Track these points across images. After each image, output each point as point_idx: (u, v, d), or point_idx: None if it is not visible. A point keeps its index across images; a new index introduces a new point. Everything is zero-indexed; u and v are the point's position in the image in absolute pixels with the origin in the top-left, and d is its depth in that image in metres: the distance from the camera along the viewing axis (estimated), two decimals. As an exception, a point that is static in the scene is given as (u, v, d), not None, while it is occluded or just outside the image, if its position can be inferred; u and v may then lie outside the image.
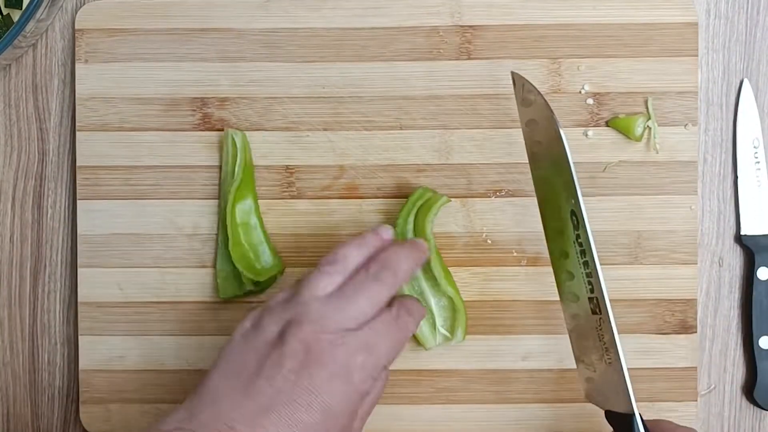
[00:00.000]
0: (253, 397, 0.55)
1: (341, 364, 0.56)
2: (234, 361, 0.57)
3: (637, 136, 0.70)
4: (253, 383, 0.56)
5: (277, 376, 0.56)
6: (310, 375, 0.56)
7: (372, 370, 0.58)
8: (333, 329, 0.57)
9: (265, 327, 0.58)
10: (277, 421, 0.54)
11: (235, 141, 0.70)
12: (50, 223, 0.73)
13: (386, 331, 0.59)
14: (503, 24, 0.71)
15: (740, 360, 0.72)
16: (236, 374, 0.57)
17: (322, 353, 0.56)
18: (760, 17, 0.72)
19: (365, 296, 0.59)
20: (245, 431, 0.54)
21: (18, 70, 0.73)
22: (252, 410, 0.55)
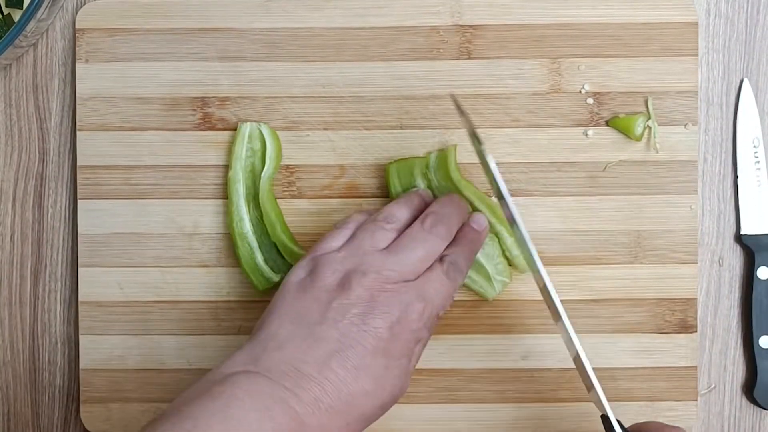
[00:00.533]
0: (320, 341, 0.58)
1: (402, 311, 0.59)
2: (294, 308, 0.60)
3: (637, 135, 0.70)
4: (320, 328, 0.58)
5: (342, 320, 0.58)
6: (373, 322, 0.58)
7: (427, 319, 0.61)
8: (394, 279, 0.60)
9: (324, 276, 0.60)
10: (345, 363, 0.57)
11: (263, 133, 0.70)
12: (51, 222, 0.73)
13: (441, 285, 0.62)
14: (503, 24, 0.71)
15: (740, 359, 0.72)
16: (299, 320, 0.59)
17: (385, 301, 0.59)
18: (760, 17, 0.72)
19: (422, 248, 0.62)
20: (314, 374, 0.57)
21: (19, 69, 0.73)
22: (319, 354, 0.57)
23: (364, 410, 0.58)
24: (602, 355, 0.70)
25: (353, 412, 0.58)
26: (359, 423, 0.58)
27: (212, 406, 0.54)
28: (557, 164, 0.71)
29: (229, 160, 0.71)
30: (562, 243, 0.71)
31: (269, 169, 0.70)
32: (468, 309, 0.71)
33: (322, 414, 0.56)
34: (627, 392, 0.70)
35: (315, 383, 0.57)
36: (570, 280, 0.71)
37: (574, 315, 0.70)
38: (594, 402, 0.62)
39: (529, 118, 0.71)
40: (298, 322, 0.59)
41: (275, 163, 0.70)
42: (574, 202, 0.71)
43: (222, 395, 0.55)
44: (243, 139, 0.70)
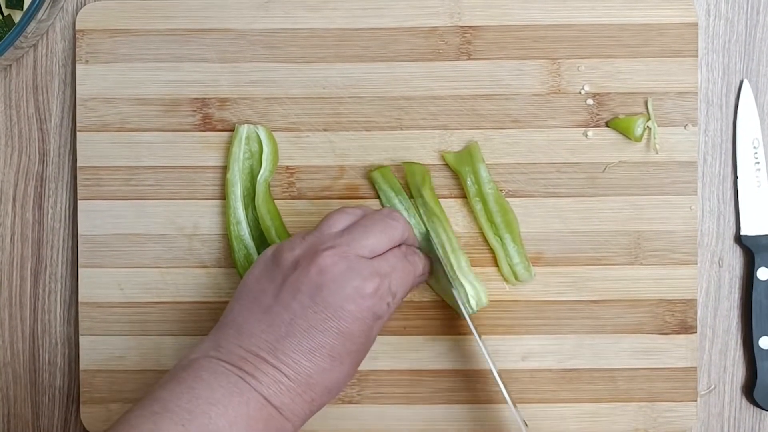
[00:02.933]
0: (273, 324, 0.59)
1: (355, 287, 0.59)
2: (253, 290, 0.61)
3: (637, 136, 0.70)
4: (272, 311, 0.59)
5: (293, 302, 0.59)
6: (324, 299, 0.58)
7: (385, 295, 0.61)
8: (348, 255, 0.60)
9: (283, 257, 0.61)
10: (298, 347, 0.58)
11: (259, 135, 0.70)
12: (51, 223, 0.73)
13: (398, 263, 0.62)
14: (503, 24, 0.71)
15: (740, 360, 0.72)
16: (256, 303, 0.60)
17: (336, 277, 0.59)
18: (760, 17, 0.72)
19: (379, 230, 0.62)
20: (269, 358, 0.58)
21: (19, 70, 0.73)
22: (273, 337, 0.58)
23: (326, 384, 0.59)
24: (602, 356, 0.70)
25: (315, 389, 0.59)
26: (324, 396, 0.60)
27: (178, 389, 0.56)
28: (557, 165, 0.71)
29: (227, 162, 0.71)
30: (562, 244, 0.71)
31: (265, 172, 0.70)
32: (468, 309, 0.71)
33: (284, 394, 0.58)
34: (627, 393, 0.70)
35: (271, 367, 0.58)
36: (570, 281, 0.71)
37: (574, 316, 0.70)
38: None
39: (529, 119, 0.71)
40: (254, 305, 0.60)
41: (271, 166, 0.70)
42: (574, 203, 0.71)
43: (187, 378, 0.57)
44: (240, 141, 0.70)
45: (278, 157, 0.71)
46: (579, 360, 0.70)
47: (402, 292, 0.63)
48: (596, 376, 0.70)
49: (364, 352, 0.61)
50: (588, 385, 0.70)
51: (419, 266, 0.65)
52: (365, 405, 0.71)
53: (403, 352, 0.71)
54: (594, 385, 0.70)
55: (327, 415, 0.71)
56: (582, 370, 0.70)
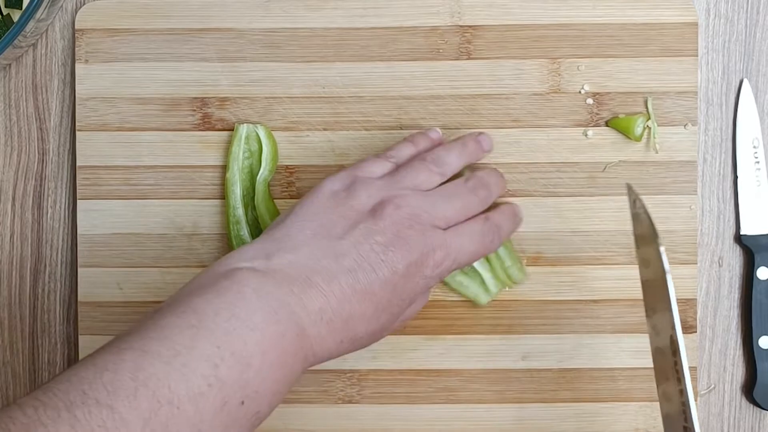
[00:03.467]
0: (337, 255, 0.58)
1: (421, 254, 0.59)
2: (320, 217, 0.59)
3: (637, 136, 0.70)
4: (340, 244, 0.58)
5: (364, 244, 0.58)
6: (393, 256, 0.58)
7: (444, 271, 0.61)
8: (425, 221, 0.60)
9: (359, 195, 0.60)
10: (354, 284, 0.57)
11: (259, 135, 0.70)
12: (50, 223, 0.73)
13: (470, 239, 0.62)
14: (503, 24, 0.71)
15: (740, 360, 0.72)
16: (322, 230, 0.59)
17: (410, 239, 0.59)
18: (760, 17, 0.72)
19: (460, 202, 0.62)
20: (323, 285, 0.56)
21: (18, 69, 0.73)
22: (333, 268, 0.57)
23: (358, 333, 0.58)
24: (602, 355, 0.70)
25: (349, 332, 0.58)
26: (350, 343, 0.59)
27: (218, 302, 0.53)
28: (557, 164, 0.71)
29: (227, 161, 0.71)
30: (561, 243, 0.71)
31: (265, 172, 0.70)
32: (468, 309, 0.71)
33: (323, 325, 0.56)
34: (627, 393, 0.70)
35: (321, 294, 0.56)
36: (570, 281, 0.71)
37: (574, 316, 0.70)
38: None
39: (529, 118, 0.71)
40: (320, 231, 0.59)
41: (271, 166, 0.70)
42: (574, 203, 0.71)
43: (228, 291, 0.54)
44: (240, 141, 0.70)
45: (278, 157, 0.71)
46: (579, 359, 0.70)
47: (464, 264, 0.63)
48: (596, 375, 0.70)
49: (396, 320, 0.61)
50: (588, 385, 0.70)
51: (496, 243, 0.64)
52: (365, 405, 0.71)
53: (403, 351, 0.71)
54: (594, 384, 0.70)
55: (327, 415, 0.71)
56: (582, 370, 0.70)
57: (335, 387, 0.71)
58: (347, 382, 0.71)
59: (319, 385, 0.71)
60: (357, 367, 0.71)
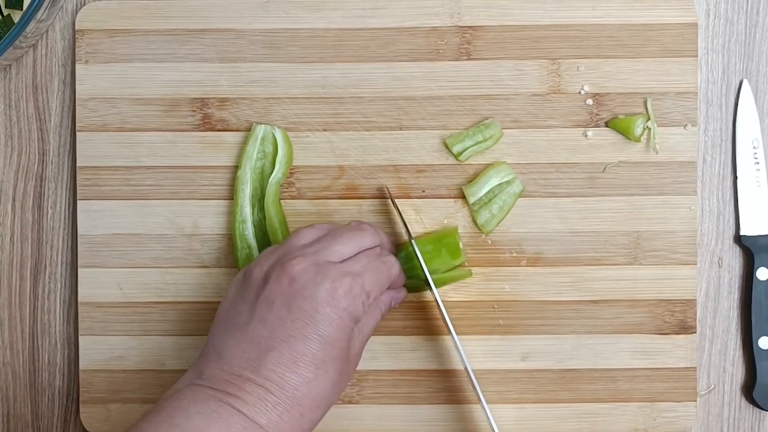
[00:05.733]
0: (251, 341, 0.58)
1: (327, 290, 0.59)
2: (229, 314, 0.60)
3: (637, 136, 0.70)
4: (249, 327, 0.59)
5: (269, 315, 0.58)
6: (299, 306, 0.58)
7: (359, 294, 0.60)
8: (317, 261, 0.60)
9: (253, 275, 0.61)
10: (280, 360, 0.57)
11: (276, 137, 0.70)
12: (50, 223, 0.73)
13: (369, 263, 0.62)
14: (503, 24, 0.71)
15: (740, 360, 0.72)
16: (233, 325, 0.60)
17: (307, 282, 0.59)
18: (760, 17, 0.72)
19: (347, 238, 0.62)
20: (252, 376, 0.57)
21: (18, 70, 0.73)
22: (254, 354, 0.58)
23: (313, 396, 0.58)
24: (602, 356, 0.70)
25: (303, 402, 0.58)
26: (314, 410, 0.58)
27: (157, 419, 0.56)
28: (557, 165, 0.71)
29: (240, 159, 0.71)
30: (561, 244, 0.71)
31: (278, 174, 0.70)
32: (468, 309, 0.71)
33: (271, 411, 0.57)
34: (626, 393, 0.70)
35: (256, 384, 0.57)
36: (570, 281, 0.71)
37: (574, 316, 0.70)
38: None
39: (529, 119, 0.71)
40: (231, 327, 0.60)
41: (285, 169, 0.70)
42: (574, 203, 0.71)
43: (167, 407, 0.56)
44: (256, 141, 0.70)
45: (292, 160, 0.71)
46: (579, 360, 0.70)
47: (377, 291, 0.62)
48: (596, 376, 0.70)
49: (349, 360, 0.60)
50: (588, 385, 0.71)
51: (394, 267, 0.64)
52: (365, 405, 0.71)
53: (403, 352, 0.71)
54: (594, 385, 0.70)
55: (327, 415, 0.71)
56: (582, 370, 0.71)
57: (335, 387, 0.71)
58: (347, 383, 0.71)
59: (319, 386, 0.71)
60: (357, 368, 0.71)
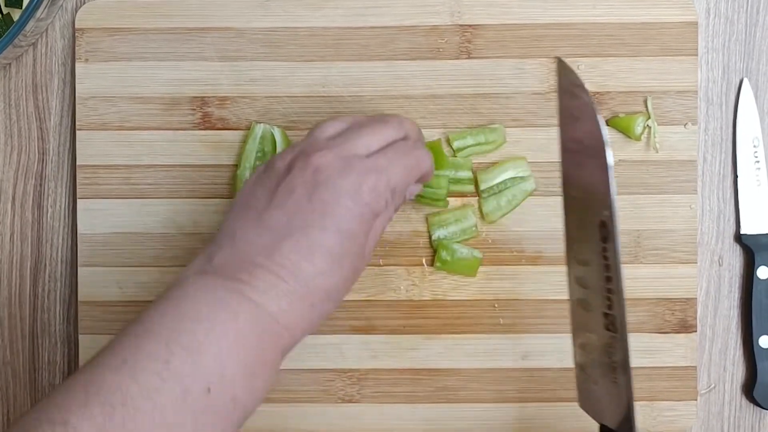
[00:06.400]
0: (268, 227, 0.56)
1: (351, 183, 0.57)
2: (247, 199, 0.58)
3: (637, 135, 0.70)
4: (267, 213, 0.57)
5: (288, 201, 0.56)
6: (320, 197, 0.56)
7: (383, 191, 0.58)
8: (343, 154, 0.58)
9: (275, 165, 0.59)
10: (296, 247, 0.55)
11: (275, 136, 0.70)
12: (50, 222, 0.73)
13: (397, 157, 0.59)
14: (503, 23, 0.71)
15: (740, 359, 0.72)
16: (250, 209, 0.57)
17: (331, 175, 0.57)
18: (760, 17, 0.72)
19: (372, 131, 0.60)
20: (265, 262, 0.55)
21: (18, 69, 0.73)
22: (269, 241, 0.56)
23: (326, 288, 0.56)
24: (602, 354, 0.70)
25: (315, 293, 0.56)
26: (325, 302, 0.57)
27: (163, 307, 0.54)
28: (557, 164, 0.70)
29: (239, 158, 0.71)
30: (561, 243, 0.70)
31: None
32: (468, 308, 0.71)
33: (282, 299, 0.55)
34: (627, 392, 0.70)
35: (268, 271, 0.55)
36: (570, 280, 0.71)
37: (574, 315, 0.70)
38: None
39: (529, 117, 0.71)
40: (246, 212, 0.57)
41: None
42: (574, 202, 0.71)
43: (172, 296, 0.55)
44: (255, 140, 0.70)
45: None
46: (579, 359, 0.70)
47: (402, 187, 0.60)
48: (596, 375, 0.70)
49: (364, 257, 0.59)
50: (588, 384, 0.70)
51: (425, 161, 0.61)
52: (365, 404, 0.71)
53: (402, 350, 0.71)
54: (594, 384, 0.70)
55: (327, 415, 0.71)
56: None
57: (335, 386, 0.71)
58: (347, 382, 0.71)
59: (319, 385, 0.71)
60: (357, 367, 0.71)
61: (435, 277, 0.71)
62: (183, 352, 0.52)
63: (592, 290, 0.58)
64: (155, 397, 0.50)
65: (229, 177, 0.71)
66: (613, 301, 0.56)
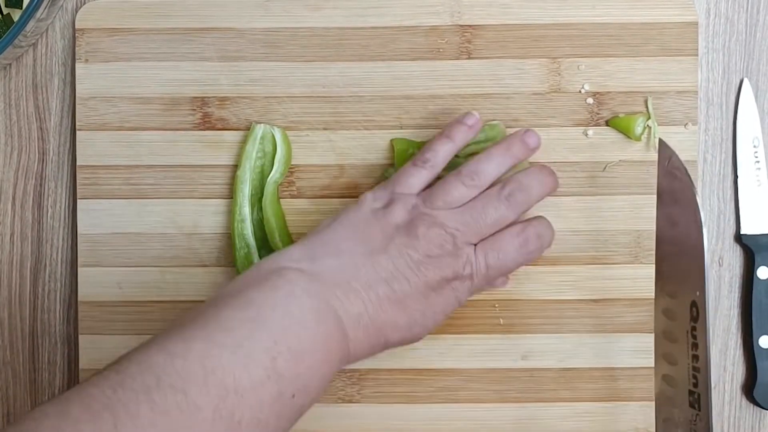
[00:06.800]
0: (375, 266, 0.61)
1: (453, 271, 0.62)
2: (362, 230, 0.62)
3: (637, 135, 0.70)
4: (378, 255, 0.61)
5: (399, 258, 0.61)
6: (426, 270, 0.61)
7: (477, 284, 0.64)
8: (457, 240, 0.62)
9: (395, 212, 0.62)
10: (390, 294, 0.60)
11: (275, 136, 0.70)
12: (50, 222, 0.73)
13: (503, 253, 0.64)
14: (503, 23, 0.71)
15: (740, 359, 0.72)
16: (363, 242, 0.61)
17: (441, 258, 0.62)
18: (760, 17, 0.72)
19: (494, 216, 0.63)
20: (362, 291, 0.60)
21: (18, 69, 0.73)
22: (370, 277, 0.60)
23: (389, 340, 0.61)
24: (602, 355, 0.70)
25: (381, 339, 0.61)
26: (380, 348, 0.62)
27: (274, 297, 0.57)
28: (557, 164, 0.71)
29: (239, 158, 0.71)
30: (562, 243, 0.71)
31: (276, 174, 0.70)
32: (468, 309, 0.71)
33: (360, 330, 0.59)
34: (627, 392, 0.70)
35: (360, 300, 0.59)
36: (570, 280, 0.71)
37: (575, 315, 0.70)
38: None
39: (529, 117, 0.71)
40: (361, 242, 0.61)
41: (283, 169, 0.70)
42: (574, 202, 0.71)
43: (281, 289, 0.57)
44: (255, 140, 0.70)
45: (291, 160, 0.71)
46: (579, 359, 0.70)
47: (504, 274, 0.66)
48: (596, 375, 0.70)
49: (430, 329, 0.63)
50: (588, 384, 0.70)
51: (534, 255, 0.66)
52: (365, 405, 0.71)
53: (403, 351, 0.70)
54: (594, 384, 0.70)
55: (327, 415, 0.71)
56: (582, 369, 0.70)
57: (335, 386, 0.71)
58: (347, 382, 0.71)
59: (319, 385, 0.71)
60: (357, 367, 0.71)
61: (435, 277, 0.71)
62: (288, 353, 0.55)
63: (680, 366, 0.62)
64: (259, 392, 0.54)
65: (229, 177, 0.71)
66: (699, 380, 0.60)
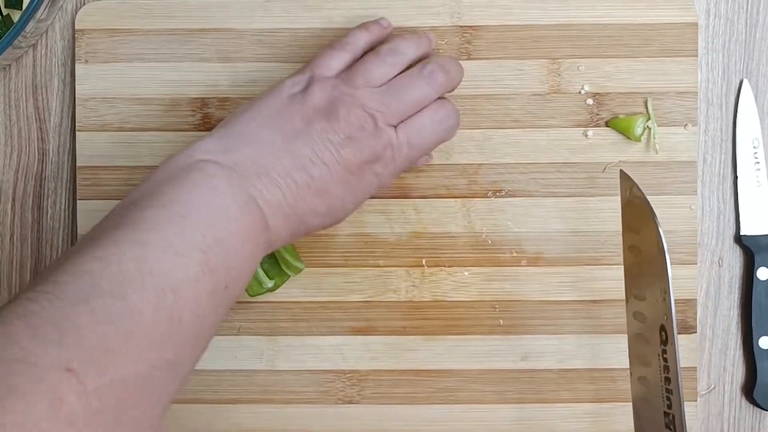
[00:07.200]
0: (292, 153, 0.59)
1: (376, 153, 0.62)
2: (278, 115, 0.61)
3: (637, 136, 0.70)
4: (296, 141, 0.60)
5: (318, 143, 0.60)
6: (345, 153, 0.60)
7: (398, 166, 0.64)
8: (379, 120, 0.61)
9: (315, 94, 0.61)
10: (309, 181, 0.59)
11: None
12: (50, 223, 0.73)
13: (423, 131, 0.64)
14: (503, 24, 0.71)
15: (740, 360, 0.72)
16: (280, 128, 0.60)
17: (361, 140, 0.61)
18: (760, 17, 0.72)
19: (414, 94, 0.63)
20: (279, 179, 0.59)
21: (18, 70, 0.73)
22: (288, 164, 0.59)
23: (310, 226, 0.61)
24: (602, 355, 0.70)
25: (301, 226, 0.60)
26: (301, 234, 0.61)
27: (196, 193, 0.56)
28: (557, 165, 0.71)
29: None
30: (562, 243, 0.71)
31: None
32: (468, 309, 0.71)
33: (280, 218, 0.59)
34: (627, 393, 0.70)
35: (279, 189, 0.59)
36: (570, 281, 0.71)
37: (574, 316, 0.70)
38: None
39: (529, 118, 0.71)
40: (277, 128, 0.60)
41: None
42: (574, 203, 0.71)
43: (202, 183, 0.56)
44: None
45: None
46: (579, 360, 0.70)
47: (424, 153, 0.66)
48: (596, 376, 0.70)
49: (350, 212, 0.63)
50: (588, 385, 0.71)
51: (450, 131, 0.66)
52: (365, 405, 0.71)
53: (402, 351, 0.71)
54: (594, 384, 0.70)
55: (327, 416, 0.71)
56: (582, 370, 0.71)
57: (335, 387, 0.71)
58: (347, 383, 0.71)
59: (319, 386, 0.71)
60: (357, 368, 0.71)
61: (435, 278, 0.71)
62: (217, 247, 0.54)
63: (653, 386, 0.62)
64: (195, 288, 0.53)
65: (229, 178, 0.71)
66: (672, 401, 0.60)
